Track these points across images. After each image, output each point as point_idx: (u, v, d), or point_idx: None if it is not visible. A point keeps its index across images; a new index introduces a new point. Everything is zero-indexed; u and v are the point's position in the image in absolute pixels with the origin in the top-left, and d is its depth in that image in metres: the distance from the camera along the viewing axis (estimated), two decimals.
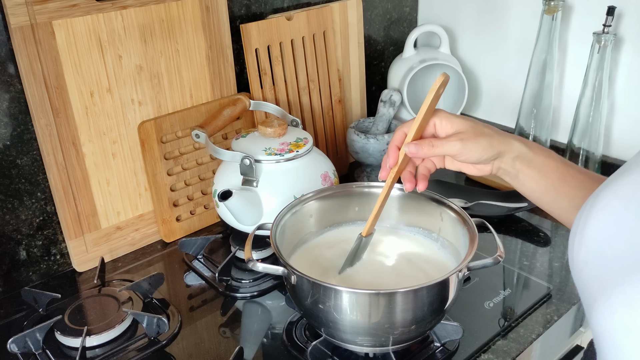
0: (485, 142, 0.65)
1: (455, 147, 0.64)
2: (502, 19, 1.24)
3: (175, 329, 0.79)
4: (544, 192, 0.68)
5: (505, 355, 0.74)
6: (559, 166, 0.67)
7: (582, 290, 0.49)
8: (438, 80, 0.63)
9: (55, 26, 0.82)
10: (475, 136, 0.65)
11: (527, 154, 0.66)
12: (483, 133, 0.65)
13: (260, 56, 1.04)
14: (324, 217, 0.82)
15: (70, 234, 0.90)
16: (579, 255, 0.48)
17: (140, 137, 0.93)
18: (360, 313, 0.65)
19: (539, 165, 0.66)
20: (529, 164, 0.67)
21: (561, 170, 0.67)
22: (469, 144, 0.64)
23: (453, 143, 0.64)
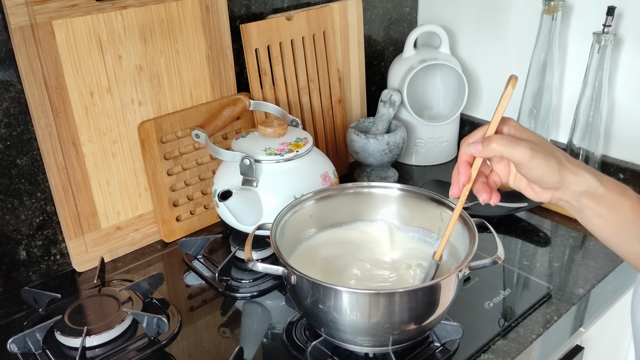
0: (554, 164, 0.58)
1: (524, 155, 0.57)
2: (502, 19, 1.24)
3: (175, 329, 0.79)
4: (614, 232, 0.62)
5: (505, 355, 0.74)
6: (635, 206, 0.60)
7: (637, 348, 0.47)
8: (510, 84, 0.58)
9: (55, 26, 0.82)
10: (546, 153, 0.58)
11: (597, 190, 0.60)
12: (554, 154, 0.59)
13: (260, 56, 1.04)
14: (324, 217, 0.82)
15: (70, 234, 0.90)
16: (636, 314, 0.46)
17: (140, 137, 0.93)
18: (360, 313, 0.65)
19: (611, 203, 0.60)
20: (598, 200, 0.60)
21: (637, 210, 0.60)
22: (537, 158, 0.57)
23: (523, 149, 0.57)
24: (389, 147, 1.11)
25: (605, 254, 0.94)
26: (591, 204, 0.60)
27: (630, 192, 0.61)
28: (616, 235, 0.62)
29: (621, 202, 0.60)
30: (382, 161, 1.12)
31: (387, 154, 1.11)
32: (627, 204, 0.60)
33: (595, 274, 0.89)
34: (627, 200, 0.60)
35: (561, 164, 0.59)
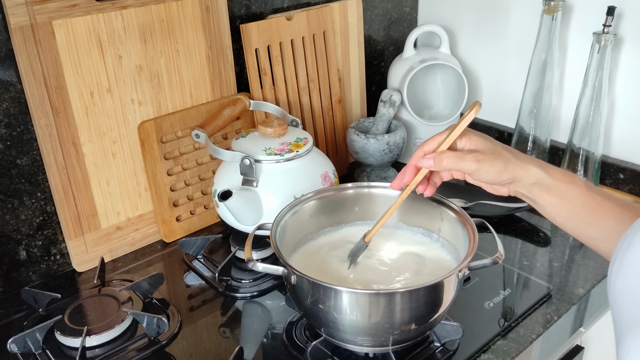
0: (501, 166, 0.64)
1: (472, 167, 0.65)
2: (502, 19, 1.24)
3: (175, 329, 0.79)
4: (567, 218, 0.66)
5: (505, 355, 0.74)
6: (584, 193, 0.64)
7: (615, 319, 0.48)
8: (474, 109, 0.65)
9: (55, 26, 0.82)
10: (492, 158, 0.64)
11: (545, 180, 0.65)
12: (500, 156, 0.65)
13: (260, 56, 1.04)
14: (324, 217, 0.82)
15: (70, 234, 0.90)
16: (615, 284, 0.47)
17: (140, 137, 0.93)
18: (360, 313, 0.65)
19: (560, 192, 0.65)
20: (548, 190, 0.65)
21: (586, 197, 0.64)
22: (484, 165, 0.64)
23: (469, 163, 0.64)
24: (389, 147, 1.11)
25: None
26: (542, 194, 0.65)
27: (578, 180, 0.65)
28: (569, 220, 0.66)
29: (570, 190, 0.65)
30: (382, 161, 1.12)
31: (387, 154, 1.11)
32: (575, 191, 0.65)
33: (595, 274, 0.89)
34: (576, 188, 0.65)
35: (507, 163, 0.65)
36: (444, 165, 0.65)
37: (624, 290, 0.46)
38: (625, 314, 0.45)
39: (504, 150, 0.66)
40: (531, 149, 1.16)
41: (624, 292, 0.46)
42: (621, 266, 0.47)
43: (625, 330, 0.44)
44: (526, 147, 1.16)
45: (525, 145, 1.16)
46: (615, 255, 0.49)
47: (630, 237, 0.47)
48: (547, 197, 0.65)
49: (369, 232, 0.75)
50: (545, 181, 0.65)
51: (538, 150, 1.16)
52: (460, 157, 0.65)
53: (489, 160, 0.64)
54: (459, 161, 0.65)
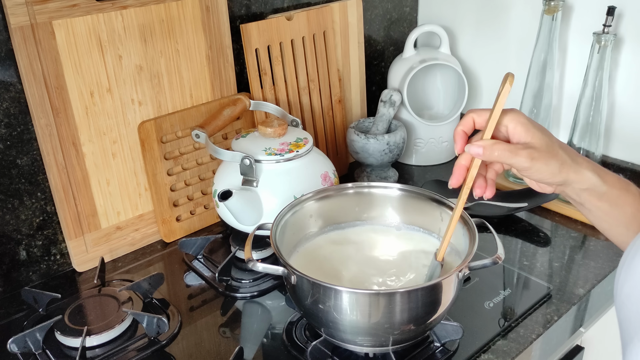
0: (555, 167, 0.59)
1: (524, 164, 0.59)
2: (502, 19, 1.24)
3: (175, 329, 0.79)
4: (613, 225, 0.63)
5: (505, 355, 0.74)
6: (636, 201, 0.61)
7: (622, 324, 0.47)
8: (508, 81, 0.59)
9: (55, 26, 0.82)
10: (547, 157, 0.59)
11: (599, 188, 0.61)
12: (556, 155, 0.60)
13: (260, 56, 1.04)
14: (324, 217, 0.82)
15: (70, 234, 0.90)
16: (623, 288, 0.47)
17: (140, 137, 0.93)
18: (360, 313, 0.65)
19: (612, 199, 0.61)
20: (600, 197, 0.61)
21: (638, 205, 0.61)
22: (537, 164, 0.59)
23: (522, 159, 0.59)
24: (389, 147, 1.11)
25: (605, 254, 0.94)
26: (592, 200, 0.62)
27: (632, 188, 0.62)
28: (616, 228, 0.63)
29: (623, 198, 0.61)
30: (382, 161, 1.12)
31: (387, 154, 1.11)
32: (628, 199, 0.61)
33: (595, 274, 0.89)
34: (629, 196, 0.61)
35: (563, 164, 0.60)
36: (495, 156, 0.59)
37: (630, 296, 0.45)
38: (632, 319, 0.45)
39: (561, 149, 0.60)
40: None
41: (631, 297, 0.45)
42: (628, 272, 0.46)
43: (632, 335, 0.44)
44: None
45: None
46: (623, 262, 0.48)
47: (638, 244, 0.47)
48: (598, 203, 0.62)
49: (439, 250, 0.70)
50: (598, 188, 0.61)
51: None
52: (514, 151, 0.59)
53: (543, 158, 0.59)
54: (511, 155, 0.59)
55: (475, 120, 0.63)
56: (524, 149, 0.59)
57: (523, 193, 1.05)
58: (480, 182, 0.64)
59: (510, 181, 1.14)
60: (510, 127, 0.61)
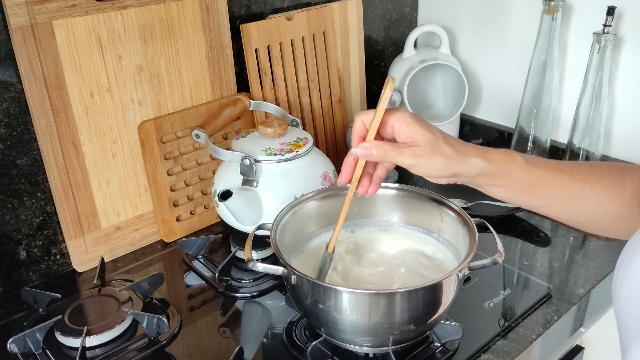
0: (440, 163, 0.62)
1: (408, 162, 0.62)
2: (502, 19, 1.24)
3: (175, 329, 0.79)
4: (511, 196, 0.67)
5: (505, 355, 0.74)
6: (524, 170, 0.65)
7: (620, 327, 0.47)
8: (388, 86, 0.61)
9: (55, 26, 0.82)
10: (431, 154, 0.61)
11: (487, 170, 0.64)
12: (440, 152, 0.62)
13: (260, 56, 1.04)
14: (324, 217, 0.82)
15: (70, 234, 0.90)
16: (621, 291, 0.47)
17: (140, 137, 0.93)
18: (360, 313, 0.65)
19: (502, 175, 0.65)
20: (491, 177, 0.65)
21: (526, 174, 0.65)
22: (421, 161, 0.61)
23: (406, 157, 0.61)
24: None
25: (605, 254, 0.94)
26: (486, 180, 0.65)
27: (517, 158, 0.65)
28: (513, 197, 0.67)
29: (511, 171, 0.65)
30: None
31: None
32: (516, 171, 0.65)
33: (596, 274, 0.89)
34: (516, 168, 0.65)
35: (448, 159, 0.62)
36: (379, 156, 0.62)
37: (629, 297, 0.45)
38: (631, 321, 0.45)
39: (446, 144, 0.62)
40: (531, 149, 1.16)
41: (629, 299, 0.45)
42: (626, 273, 0.46)
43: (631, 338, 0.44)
44: (526, 147, 1.16)
45: (525, 145, 1.16)
46: (620, 262, 0.48)
47: (636, 244, 0.47)
48: (491, 181, 0.65)
49: (329, 242, 0.71)
50: (487, 169, 0.64)
51: (538, 150, 1.16)
52: (397, 149, 0.62)
53: (427, 156, 0.61)
54: (395, 155, 0.61)
55: (365, 121, 0.64)
56: (407, 147, 0.62)
57: None
58: (364, 182, 0.66)
59: None
60: (395, 126, 0.63)
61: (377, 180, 0.67)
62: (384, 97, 0.61)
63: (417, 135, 0.62)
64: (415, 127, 0.62)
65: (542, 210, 0.69)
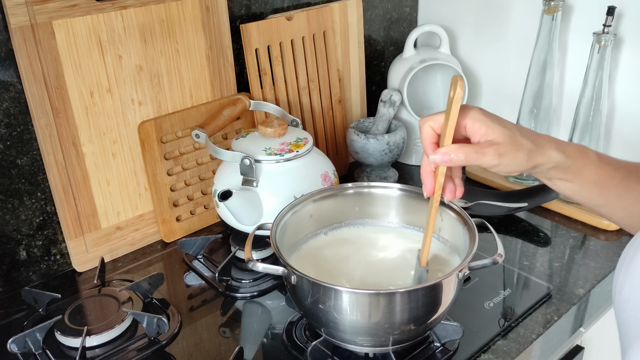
0: (523, 158, 0.60)
1: (492, 162, 0.59)
2: (502, 19, 1.24)
3: (175, 329, 0.79)
4: (578, 191, 0.66)
5: (505, 355, 0.74)
6: (596, 167, 0.64)
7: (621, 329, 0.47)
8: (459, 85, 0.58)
9: (55, 26, 0.82)
10: (513, 150, 0.59)
11: (563, 163, 0.63)
12: (521, 146, 0.60)
13: (260, 56, 1.04)
14: (324, 217, 0.82)
15: (70, 234, 0.90)
16: (621, 292, 0.47)
17: (140, 137, 0.93)
18: (360, 313, 0.65)
19: (576, 170, 0.64)
20: (564, 171, 0.63)
21: (599, 171, 0.64)
22: (506, 159, 0.59)
23: (490, 158, 0.59)
24: (389, 147, 1.11)
25: (605, 254, 0.94)
26: (558, 174, 0.64)
27: (591, 154, 0.64)
28: (580, 193, 0.66)
29: (585, 167, 0.64)
30: (382, 161, 1.12)
31: (387, 154, 1.11)
32: (590, 167, 0.64)
33: (595, 274, 0.89)
34: (590, 164, 0.64)
35: (529, 153, 0.60)
36: (462, 160, 0.59)
37: (629, 299, 0.45)
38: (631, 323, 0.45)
39: (524, 138, 0.61)
40: None
41: (630, 300, 0.45)
42: (627, 275, 0.46)
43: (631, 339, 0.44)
44: None
45: None
46: (621, 264, 0.48)
47: (636, 245, 0.47)
48: (563, 175, 0.64)
49: (421, 255, 0.70)
50: (563, 163, 0.63)
51: None
52: (479, 151, 0.59)
53: (510, 153, 0.59)
54: (478, 156, 0.59)
55: (434, 127, 0.62)
56: (489, 147, 0.59)
57: (523, 193, 1.05)
58: (450, 187, 0.65)
59: (510, 181, 1.14)
60: (468, 125, 0.60)
61: (459, 182, 0.66)
62: (456, 98, 0.58)
63: (493, 133, 0.59)
64: (491, 124, 0.60)
65: (602, 209, 0.67)
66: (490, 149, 0.59)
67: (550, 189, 1.01)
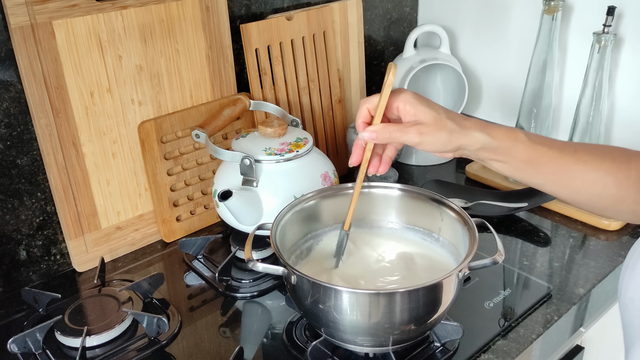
0: (445, 138, 0.65)
1: (414, 139, 0.65)
2: (502, 19, 1.24)
3: (175, 329, 0.79)
4: (513, 172, 0.69)
5: (505, 355, 0.74)
6: (527, 147, 0.66)
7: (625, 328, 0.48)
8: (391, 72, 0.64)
9: (55, 26, 0.82)
10: (435, 130, 0.64)
11: (490, 144, 0.66)
12: (444, 127, 0.65)
13: (260, 56, 1.04)
14: (323, 217, 0.82)
15: (70, 234, 0.90)
16: (626, 292, 0.47)
17: (140, 137, 0.93)
18: (360, 313, 0.65)
19: (505, 151, 0.66)
20: (493, 152, 0.67)
21: (529, 151, 0.66)
22: (427, 137, 0.64)
23: (412, 135, 0.65)
24: None
25: (605, 254, 0.94)
26: (488, 155, 0.67)
27: (520, 136, 0.67)
28: (515, 173, 0.69)
29: (514, 148, 0.66)
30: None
31: None
32: (519, 147, 0.66)
33: (596, 274, 0.89)
34: (519, 144, 0.66)
35: (451, 133, 0.65)
36: (387, 138, 0.65)
37: (634, 299, 0.45)
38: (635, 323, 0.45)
39: (449, 119, 0.66)
40: None
41: (635, 300, 0.45)
42: (632, 276, 0.46)
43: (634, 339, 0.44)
44: None
45: None
46: (627, 265, 0.48)
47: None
48: (494, 156, 0.67)
49: (345, 221, 0.75)
50: (490, 144, 0.66)
51: None
52: (402, 130, 0.65)
53: (432, 132, 0.64)
54: (401, 134, 0.65)
55: (369, 109, 0.68)
56: (412, 126, 0.65)
57: (523, 193, 1.05)
58: (374, 162, 0.70)
59: (510, 181, 1.14)
60: (400, 107, 0.66)
61: (387, 159, 0.71)
62: (387, 83, 0.64)
63: (421, 114, 0.65)
64: (419, 106, 0.65)
65: (544, 187, 0.70)
66: (413, 128, 0.65)
67: None
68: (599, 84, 1.03)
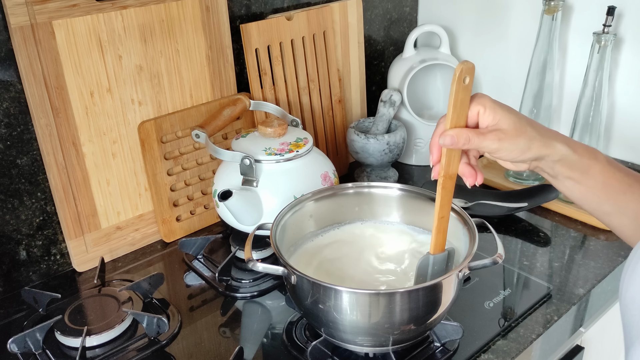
0: (524, 145, 0.61)
1: (492, 146, 0.61)
2: (502, 19, 1.24)
3: (175, 329, 0.79)
4: (585, 194, 0.65)
5: (505, 355, 0.74)
6: (605, 169, 0.63)
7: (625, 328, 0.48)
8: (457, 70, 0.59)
9: (55, 26, 0.82)
10: (515, 136, 0.61)
11: (569, 157, 0.62)
12: (524, 133, 0.61)
13: (260, 56, 1.04)
14: (324, 217, 0.82)
15: (70, 234, 0.90)
16: (627, 292, 0.47)
17: (140, 137, 0.93)
18: (360, 313, 0.65)
19: (582, 168, 0.63)
20: (571, 167, 0.63)
21: (607, 174, 0.63)
22: (505, 144, 0.61)
23: (490, 141, 0.61)
24: (389, 147, 1.11)
25: (605, 254, 0.94)
26: (564, 170, 0.63)
27: (600, 156, 0.64)
28: (586, 195, 0.65)
29: (592, 167, 0.63)
30: (382, 161, 1.12)
31: (387, 154, 1.11)
32: (597, 168, 0.63)
33: (595, 274, 0.89)
34: (598, 165, 0.63)
35: (531, 141, 0.61)
36: (464, 142, 0.61)
37: (634, 299, 0.46)
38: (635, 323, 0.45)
39: (529, 126, 0.62)
40: None
41: (635, 301, 0.45)
42: (632, 276, 0.46)
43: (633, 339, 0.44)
44: None
45: None
46: (628, 265, 0.48)
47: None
48: (569, 172, 0.63)
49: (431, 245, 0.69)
50: (570, 157, 0.62)
51: None
52: (480, 134, 0.61)
53: (511, 139, 0.61)
54: (479, 140, 0.61)
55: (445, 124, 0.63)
56: (490, 132, 0.61)
57: (523, 193, 1.05)
58: (470, 171, 0.65)
59: (510, 181, 1.14)
60: (480, 111, 0.62)
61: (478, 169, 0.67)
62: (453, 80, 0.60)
63: (500, 119, 0.61)
64: (499, 111, 0.61)
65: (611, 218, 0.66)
66: (491, 134, 0.61)
67: (550, 188, 1.02)
68: (599, 84, 1.03)
